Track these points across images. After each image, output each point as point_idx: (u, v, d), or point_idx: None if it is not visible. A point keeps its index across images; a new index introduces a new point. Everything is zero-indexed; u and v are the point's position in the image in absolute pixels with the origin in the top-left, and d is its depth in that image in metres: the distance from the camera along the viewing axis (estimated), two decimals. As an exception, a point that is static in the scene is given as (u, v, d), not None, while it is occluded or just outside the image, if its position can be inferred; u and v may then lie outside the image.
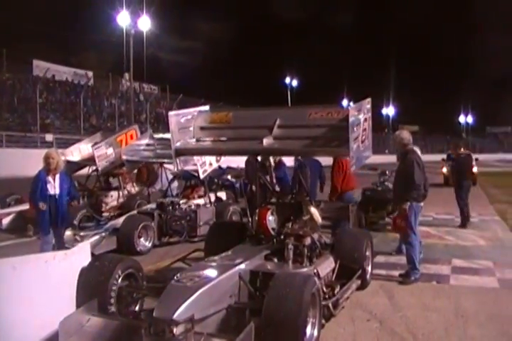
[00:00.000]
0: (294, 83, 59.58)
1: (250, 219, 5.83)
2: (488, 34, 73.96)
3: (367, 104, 4.95)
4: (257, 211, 5.36)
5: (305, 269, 4.73)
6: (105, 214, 9.69)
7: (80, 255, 4.49)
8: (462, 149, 12.25)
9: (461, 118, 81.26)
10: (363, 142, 4.70)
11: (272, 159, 5.88)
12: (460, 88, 74.39)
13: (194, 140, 5.21)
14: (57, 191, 6.46)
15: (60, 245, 6.56)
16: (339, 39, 73.29)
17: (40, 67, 35.70)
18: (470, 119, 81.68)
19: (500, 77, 71.04)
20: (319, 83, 63.88)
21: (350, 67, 68.92)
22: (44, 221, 6.43)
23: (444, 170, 22.07)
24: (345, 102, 51.20)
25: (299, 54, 68.85)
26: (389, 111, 69.75)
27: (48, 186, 6.41)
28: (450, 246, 8.36)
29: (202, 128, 5.27)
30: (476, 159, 23.12)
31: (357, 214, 9.82)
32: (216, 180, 12.04)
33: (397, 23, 76.70)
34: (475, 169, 21.57)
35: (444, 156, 23.95)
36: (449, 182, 21.24)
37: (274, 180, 5.80)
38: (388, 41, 74.00)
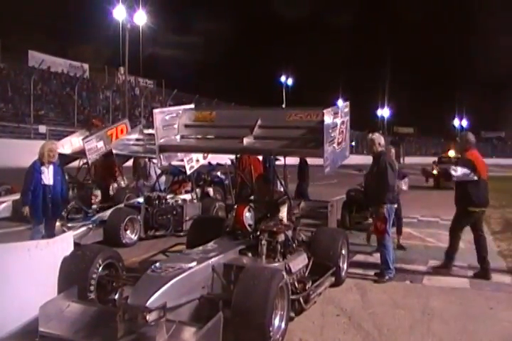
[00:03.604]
0: (290, 82, 59.72)
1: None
2: (486, 38, 74.22)
3: (345, 107, 5.13)
4: (235, 207, 5.51)
5: (276, 264, 4.88)
6: (94, 207, 9.83)
7: (62, 244, 4.64)
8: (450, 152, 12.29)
9: (456, 122, 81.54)
10: (339, 144, 4.86)
11: None
12: (456, 92, 74.58)
13: (178, 137, 5.36)
14: (51, 182, 6.58)
15: (50, 236, 6.55)
16: (335, 39, 73.30)
17: (36, 57, 35.73)
18: (465, 123, 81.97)
19: (496, 82, 71.34)
20: (315, 83, 64.03)
21: (346, 67, 69.01)
22: (37, 211, 6.53)
23: (435, 172, 22.05)
24: (340, 102, 51.28)
25: (295, 52, 69.00)
26: (384, 112, 69.88)
27: (42, 176, 6.51)
28: (430, 248, 8.51)
29: (186, 126, 5.42)
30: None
31: (341, 214, 10.07)
32: (205, 176, 12.18)
33: (394, 24, 76.82)
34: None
35: (436, 159, 24.13)
36: (440, 186, 21.41)
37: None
38: (385, 42, 74.15)
